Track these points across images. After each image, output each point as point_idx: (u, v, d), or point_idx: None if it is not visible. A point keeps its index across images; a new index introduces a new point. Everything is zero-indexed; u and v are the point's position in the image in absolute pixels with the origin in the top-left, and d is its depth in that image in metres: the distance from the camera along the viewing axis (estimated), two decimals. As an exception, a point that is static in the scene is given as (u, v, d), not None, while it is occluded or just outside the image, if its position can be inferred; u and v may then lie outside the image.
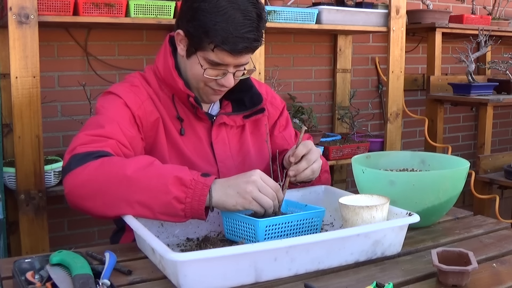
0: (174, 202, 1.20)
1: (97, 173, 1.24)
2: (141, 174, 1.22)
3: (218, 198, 1.22)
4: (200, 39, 1.38)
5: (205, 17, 1.36)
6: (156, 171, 1.24)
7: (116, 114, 1.40)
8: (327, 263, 1.16)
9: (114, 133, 1.35)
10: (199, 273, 1.02)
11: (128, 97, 1.44)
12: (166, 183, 1.20)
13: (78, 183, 1.26)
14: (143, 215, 1.24)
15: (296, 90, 3.08)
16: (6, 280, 1.11)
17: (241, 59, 1.41)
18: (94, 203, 1.25)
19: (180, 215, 1.22)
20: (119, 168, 1.23)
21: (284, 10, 2.51)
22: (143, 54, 2.60)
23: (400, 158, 1.64)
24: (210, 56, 1.39)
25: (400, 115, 2.90)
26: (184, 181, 1.21)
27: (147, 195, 1.21)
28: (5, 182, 2.08)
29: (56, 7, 2.02)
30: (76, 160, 1.27)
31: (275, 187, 1.26)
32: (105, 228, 2.56)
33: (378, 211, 1.23)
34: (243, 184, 1.22)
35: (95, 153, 1.28)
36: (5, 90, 2.19)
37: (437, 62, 3.30)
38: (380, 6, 2.84)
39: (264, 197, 1.23)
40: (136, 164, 1.25)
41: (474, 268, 1.09)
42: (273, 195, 1.24)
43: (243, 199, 1.22)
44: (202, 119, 1.52)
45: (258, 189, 1.23)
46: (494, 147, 3.90)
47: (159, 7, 2.19)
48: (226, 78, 1.43)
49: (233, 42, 1.35)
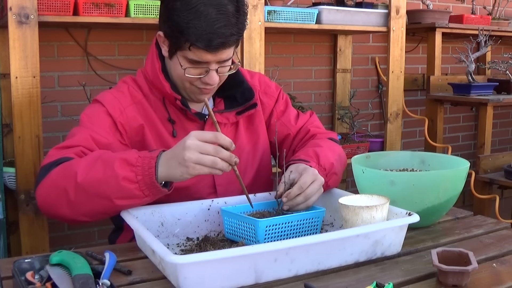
0: (125, 183, 1.20)
1: (56, 179, 1.28)
2: (90, 174, 1.23)
3: (165, 172, 1.21)
4: (177, 38, 1.38)
5: (178, 17, 1.36)
6: (103, 161, 1.24)
7: (94, 123, 1.42)
8: (327, 264, 1.16)
9: (81, 140, 1.37)
10: (199, 275, 1.02)
11: (110, 105, 1.45)
12: (112, 168, 1.21)
13: (44, 192, 1.30)
14: (104, 207, 1.25)
15: (296, 90, 3.08)
16: (6, 280, 1.11)
17: (220, 55, 1.39)
18: (60, 209, 1.28)
19: (138, 195, 1.22)
20: (72, 171, 1.25)
21: (284, 10, 2.51)
22: (143, 54, 2.60)
23: (400, 158, 1.64)
24: (188, 55, 1.39)
25: (400, 115, 2.90)
26: (130, 160, 1.21)
27: (100, 186, 1.22)
28: (5, 182, 2.08)
29: (56, 7, 2.02)
30: (42, 172, 1.32)
31: (212, 139, 1.20)
32: (105, 228, 2.55)
33: (378, 211, 1.23)
34: (180, 153, 1.19)
35: (56, 161, 1.31)
36: (5, 90, 2.19)
37: (437, 62, 3.30)
38: (380, 6, 2.84)
39: (204, 156, 1.18)
40: (86, 164, 1.25)
41: (474, 268, 1.09)
42: (214, 150, 1.19)
43: (185, 167, 1.19)
44: (193, 120, 1.52)
45: (198, 152, 1.18)
46: (494, 147, 3.90)
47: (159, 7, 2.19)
48: (209, 76, 1.41)
49: (207, 38, 1.34)
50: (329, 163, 1.47)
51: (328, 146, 1.56)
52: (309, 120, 1.69)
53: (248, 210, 1.36)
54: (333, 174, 1.48)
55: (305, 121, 1.68)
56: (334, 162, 1.49)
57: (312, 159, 1.46)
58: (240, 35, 1.40)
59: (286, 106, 1.68)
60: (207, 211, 1.39)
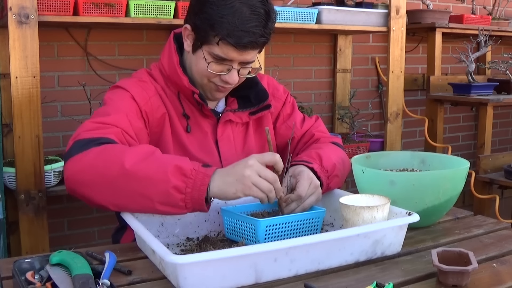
0: (173, 191, 1.17)
1: (97, 160, 1.22)
2: (140, 165, 1.20)
3: (218, 188, 1.19)
4: (206, 32, 1.38)
5: (212, 10, 1.36)
6: (156, 160, 1.21)
7: (124, 106, 1.40)
8: (327, 264, 1.16)
9: (120, 121, 1.35)
10: (199, 275, 1.02)
11: (135, 92, 1.44)
12: (165, 172, 1.18)
13: (78, 169, 1.24)
14: (142, 205, 1.21)
15: (296, 90, 3.08)
16: (6, 280, 1.11)
17: (246, 56, 1.40)
18: (92, 191, 1.23)
19: (180, 206, 1.19)
20: (119, 157, 1.21)
21: (284, 10, 2.51)
22: (143, 54, 2.60)
23: (400, 158, 1.64)
24: (215, 50, 1.39)
25: (400, 115, 2.90)
26: (185, 170, 1.18)
27: (146, 184, 1.18)
28: (5, 182, 2.08)
29: (56, 7, 2.02)
30: (79, 146, 1.26)
31: (271, 160, 1.23)
32: (105, 228, 2.56)
33: (379, 211, 1.23)
34: (241, 170, 1.19)
35: (98, 140, 1.27)
36: (5, 90, 2.19)
37: (437, 62, 3.30)
38: (380, 6, 2.84)
39: (263, 181, 1.19)
40: (137, 154, 1.22)
41: (474, 268, 1.09)
42: (273, 178, 1.21)
43: (242, 185, 1.18)
44: (208, 116, 1.52)
45: (257, 173, 1.19)
46: (494, 147, 3.90)
47: (159, 7, 2.19)
48: (230, 75, 1.42)
49: (238, 35, 1.35)
50: (331, 164, 1.47)
51: (331, 149, 1.56)
52: (314, 124, 1.70)
53: (248, 210, 1.36)
54: (335, 176, 1.48)
55: (310, 125, 1.69)
56: (336, 164, 1.49)
57: (314, 160, 1.46)
58: (268, 39, 1.41)
59: (292, 110, 1.69)
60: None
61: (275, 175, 1.22)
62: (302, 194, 1.33)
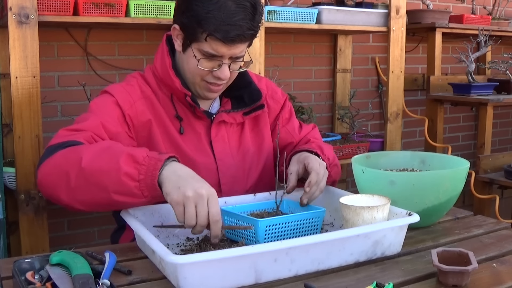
0: (125, 178, 1.16)
1: (60, 161, 1.25)
2: (95, 161, 1.20)
3: (164, 177, 1.15)
4: (194, 29, 1.39)
5: (197, 7, 1.38)
6: (109, 152, 1.22)
7: (103, 111, 1.42)
8: (327, 264, 1.16)
9: (92, 126, 1.36)
10: (199, 275, 1.02)
11: (120, 96, 1.46)
12: (117, 161, 1.17)
13: (45, 172, 1.27)
14: (100, 198, 1.21)
15: (296, 90, 3.08)
16: (6, 280, 1.11)
17: (235, 50, 1.41)
18: (58, 191, 1.25)
19: (136, 194, 1.17)
20: (78, 156, 1.22)
21: (284, 10, 2.50)
22: (143, 54, 2.60)
23: (400, 158, 1.64)
24: (204, 47, 1.40)
25: (400, 115, 2.90)
26: (137, 158, 1.17)
27: (101, 176, 1.19)
28: (5, 182, 2.08)
29: (56, 7, 2.02)
30: (48, 152, 1.30)
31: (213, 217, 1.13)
32: (105, 228, 2.56)
33: (379, 211, 1.23)
34: (189, 186, 1.12)
35: (65, 143, 1.29)
36: (5, 90, 2.19)
37: (437, 62, 3.29)
38: (380, 6, 2.84)
39: (192, 211, 1.11)
40: (92, 151, 1.23)
41: (474, 268, 1.09)
42: (202, 222, 1.12)
43: (175, 196, 1.12)
44: (201, 118, 1.53)
45: (194, 203, 1.11)
46: (494, 147, 3.90)
47: (159, 7, 2.19)
48: (222, 70, 1.43)
49: (225, 30, 1.36)
50: (331, 154, 1.57)
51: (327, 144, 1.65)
52: (311, 132, 1.74)
53: (248, 210, 1.36)
54: (335, 165, 1.57)
55: (307, 132, 1.73)
56: (334, 155, 1.60)
57: (316, 149, 1.52)
58: (256, 32, 1.42)
59: (290, 115, 1.72)
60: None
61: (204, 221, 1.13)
62: (321, 172, 1.39)
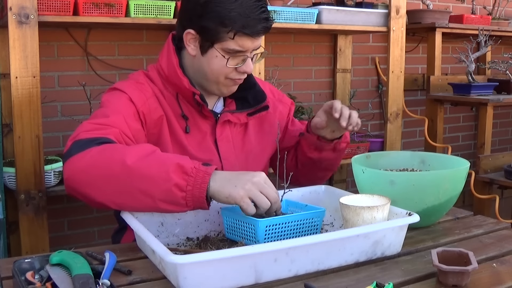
0: (174, 189, 1.18)
1: (98, 159, 1.23)
2: (142, 163, 1.20)
3: (216, 187, 1.19)
4: (217, 30, 1.40)
5: (218, 7, 1.38)
6: (157, 159, 1.22)
7: (121, 107, 1.41)
8: (327, 264, 1.16)
9: (118, 123, 1.36)
10: (199, 275, 1.02)
11: (133, 93, 1.45)
12: (167, 170, 1.18)
13: (79, 168, 1.24)
14: (143, 203, 1.21)
15: (296, 90, 3.08)
16: (6, 280, 1.11)
17: (257, 42, 1.45)
18: (93, 190, 1.23)
19: (181, 204, 1.19)
20: (120, 156, 1.21)
21: (284, 10, 2.50)
22: (143, 54, 2.60)
23: (400, 158, 1.64)
24: (229, 45, 1.41)
25: (400, 115, 2.90)
26: (185, 168, 1.19)
27: (148, 182, 1.19)
28: (5, 182, 2.08)
29: (56, 7, 2.02)
30: (78, 146, 1.27)
31: (276, 193, 1.22)
32: (105, 228, 2.56)
33: (379, 211, 1.23)
34: (244, 180, 1.19)
35: (97, 140, 1.27)
36: (5, 90, 2.19)
37: (437, 62, 3.30)
38: (380, 6, 2.84)
39: (262, 196, 1.19)
40: (138, 152, 1.22)
41: (474, 268, 1.09)
42: (274, 197, 1.20)
43: (237, 194, 1.17)
44: (207, 117, 1.53)
45: (258, 189, 1.19)
46: (494, 147, 3.90)
47: (159, 7, 2.19)
48: (247, 64, 1.46)
49: (253, 25, 1.39)
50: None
51: None
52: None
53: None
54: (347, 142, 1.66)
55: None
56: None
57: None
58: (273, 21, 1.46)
59: (293, 119, 1.76)
60: (207, 211, 1.39)
61: (277, 196, 1.21)
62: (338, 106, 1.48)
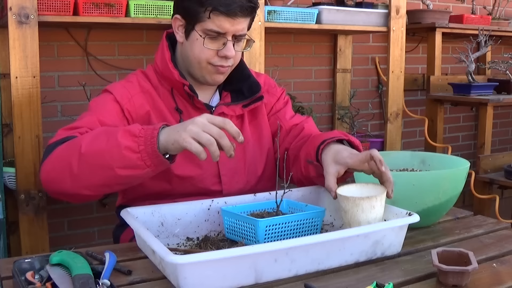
0: (126, 152, 1.20)
1: (59, 155, 1.29)
2: (93, 143, 1.25)
3: (163, 138, 1.20)
4: (196, 10, 1.45)
5: None
6: (106, 133, 1.26)
7: (101, 109, 1.47)
8: (327, 264, 1.16)
9: (88, 123, 1.41)
10: (199, 275, 1.02)
11: (118, 93, 1.51)
12: (116, 138, 1.21)
13: (47, 169, 1.31)
14: (106, 177, 1.24)
15: (296, 90, 3.08)
16: (6, 280, 1.11)
17: (237, 26, 1.46)
18: (63, 183, 1.28)
19: (139, 165, 1.21)
20: (77, 146, 1.26)
21: (284, 10, 2.50)
22: (143, 54, 2.60)
23: (400, 158, 1.64)
24: (208, 26, 1.45)
25: (400, 115, 2.90)
26: (133, 131, 1.21)
27: (103, 156, 1.22)
28: (5, 182, 2.08)
29: (56, 7, 2.02)
30: (47, 152, 1.34)
31: (220, 123, 1.19)
32: (105, 228, 2.56)
33: (378, 200, 1.23)
34: (186, 124, 1.19)
35: (62, 140, 1.33)
36: (5, 90, 2.19)
37: (437, 62, 3.29)
38: (380, 6, 2.84)
39: (204, 135, 1.16)
40: (89, 137, 1.27)
41: (474, 268, 1.09)
42: (217, 133, 1.17)
43: (181, 136, 1.17)
44: (200, 109, 1.55)
45: (201, 129, 1.17)
46: (494, 147, 3.90)
47: (159, 7, 2.19)
48: (227, 48, 1.47)
49: (227, 3, 1.42)
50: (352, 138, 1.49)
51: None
52: (305, 120, 1.72)
53: (248, 210, 1.36)
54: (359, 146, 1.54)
55: (300, 120, 1.71)
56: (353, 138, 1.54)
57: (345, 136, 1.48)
58: (255, 5, 1.48)
59: (285, 105, 1.72)
60: (207, 211, 1.39)
61: (221, 131, 1.18)
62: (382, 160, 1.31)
